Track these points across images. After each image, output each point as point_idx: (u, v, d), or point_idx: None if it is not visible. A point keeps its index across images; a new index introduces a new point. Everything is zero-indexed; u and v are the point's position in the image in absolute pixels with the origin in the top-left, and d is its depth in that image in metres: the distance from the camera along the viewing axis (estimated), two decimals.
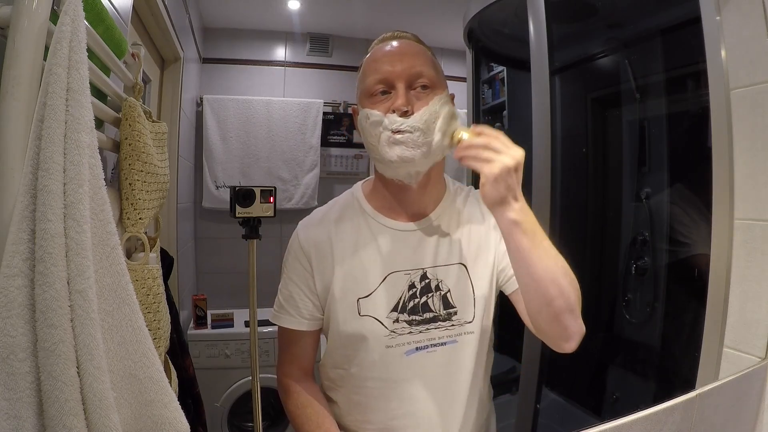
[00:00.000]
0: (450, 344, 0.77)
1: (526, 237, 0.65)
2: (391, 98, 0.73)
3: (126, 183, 0.74)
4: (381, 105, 0.74)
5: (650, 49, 1.50)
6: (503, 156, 0.62)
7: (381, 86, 0.74)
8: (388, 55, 0.76)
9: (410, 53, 0.76)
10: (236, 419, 2.06)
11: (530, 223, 0.65)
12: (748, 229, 0.90)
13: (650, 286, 1.53)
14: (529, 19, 1.39)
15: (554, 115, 1.39)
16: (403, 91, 0.73)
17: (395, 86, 0.73)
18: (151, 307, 0.76)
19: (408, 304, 0.77)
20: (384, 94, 0.74)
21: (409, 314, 0.76)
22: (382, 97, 0.74)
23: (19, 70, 0.45)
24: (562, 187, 1.48)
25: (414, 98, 0.73)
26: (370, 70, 0.76)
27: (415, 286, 0.77)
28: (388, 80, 0.74)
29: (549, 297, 0.66)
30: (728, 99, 0.90)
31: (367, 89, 0.75)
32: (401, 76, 0.73)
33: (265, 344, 1.99)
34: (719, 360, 0.93)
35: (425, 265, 0.78)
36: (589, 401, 1.66)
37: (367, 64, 0.78)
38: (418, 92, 0.74)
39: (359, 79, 0.80)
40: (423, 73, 0.74)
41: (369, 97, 0.75)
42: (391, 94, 0.74)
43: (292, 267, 0.81)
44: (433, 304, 0.77)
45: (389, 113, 0.72)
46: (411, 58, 0.75)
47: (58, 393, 0.42)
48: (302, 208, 2.46)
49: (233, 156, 2.39)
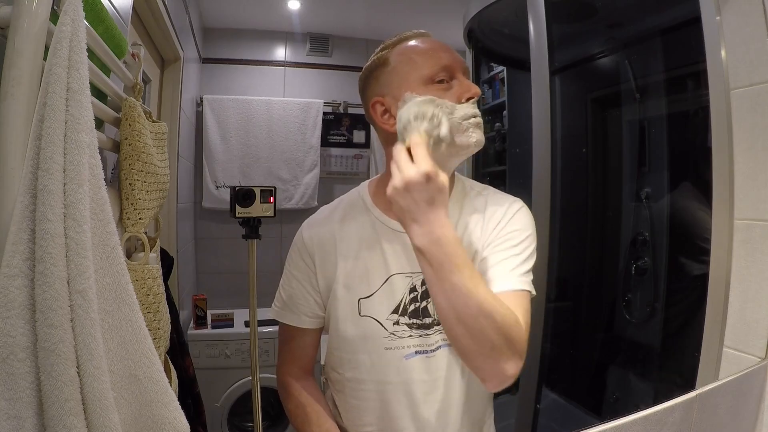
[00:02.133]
0: (445, 347, 0.76)
1: (431, 268, 0.62)
2: (451, 87, 0.73)
3: (126, 183, 0.74)
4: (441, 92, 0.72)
5: (650, 49, 1.50)
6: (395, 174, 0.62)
7: (443, 73, 0.73)
8: (442, 46, 0.76)
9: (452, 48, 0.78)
10: (236, 419, 2.06)
11: (438, 253, 0.61)
12: (748, 229, 0.90)
13: (650, 286, 1.53)
14: (529, 19, 1.39)
15: (554, 115, 1.39)
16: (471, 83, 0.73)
17: (456, 76, 0.73)
18: (151, 307, 0.76)
19: (409, 307, 0.76)
20: (441, 83, 0.73)
21: (410, 317, 0.76)
22: (440, 86, 0.73)
23: (19, 70, 0.45)
24: (562, 187, 1.48)
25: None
26: (426, 56, 0.74)
27: (417, 289, 0.76)
28: (451, 68, 0.73)
29: (453, 335, 0.64)
30: (728, 99, 0.90)
31: (426, 76, 0.73)
32: (460, 66, 0.74)
33: (265, 344, 1.99)
34: (719, 360, 0.93)
35: None
36: (589, 401, 1.66)
37: (416, 52, 0.75)
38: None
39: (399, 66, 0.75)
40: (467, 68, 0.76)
41: (424, 85, 0.72)
42: (449, 84, 0.73)
43: (295, 264, 0.81)
44: (431, 309, 0.76)
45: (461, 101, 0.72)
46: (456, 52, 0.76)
47: (58, 393, 0.42)
48: (302, 208, 2.46)
49: (233, 156, 2.39)
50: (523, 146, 1.71)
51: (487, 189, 0.83)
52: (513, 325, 0.63)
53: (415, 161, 0.62)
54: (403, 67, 0.74)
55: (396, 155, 0.64)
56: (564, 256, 1.59)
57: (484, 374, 0.66)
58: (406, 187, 0.61)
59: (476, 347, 0.63)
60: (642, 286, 1.55)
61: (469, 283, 0.61)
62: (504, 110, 2.06)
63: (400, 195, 0.61)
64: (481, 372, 0.66)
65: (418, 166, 0.61)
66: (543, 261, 1.35)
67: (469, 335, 0.62)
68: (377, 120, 0.76)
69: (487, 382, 0.66)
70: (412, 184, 0.60)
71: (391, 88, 0.74)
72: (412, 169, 0.61)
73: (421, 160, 0.61)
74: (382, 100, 0.75)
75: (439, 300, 0.63)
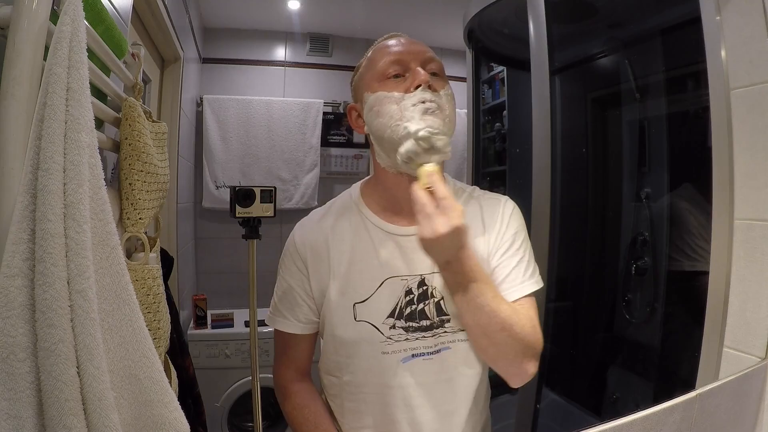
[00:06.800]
0: (444, 351, 0.76)
1: (458, 294, 0.68)
2: (406, 81, 0.71)
3: (126, 183, 0.74)
4: (395, 86, 0.71)
5: (650, 49, 1.50)
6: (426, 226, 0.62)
7: (395, 68, 0.72)
8: (399, 41, 0.75)
9: (420, 42, 0.76)
10: (236, 419, 2.06)
11: (466, 282, 0.66)
12: (748, 229, 0.90)
13: (650, 286, 1.53)
14: (529, 19, 1.39)
15: (554, 115, 1.39)
16: (422, 70, 0.71)
17: (410, 67, 0.71)
18: (151, 307, 0.76)
19: (405, 311, 0.75)
20: (397, 77, 0.72)
21: (406, 320, 0.75)
22: (395, 80, 0.72)
23: (19, 70, 0.45)
24: (562, 187, 1.48)
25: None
26: (381, 54, 0.74)
27: (412, 292, 0.76)
28: (403, 61, 0.72)
29: (479, 345, 0.72)
30: (728, 99, 0.90)
31: (379, 72, 0.72)
32: (417, 58, 0.72)
33: (265, 344, 1.99)
34: (719, 360, 0.93)
35: (422, 271, 0.76)
36: (589, 401, 1.66)
37: (376, 52, 0.76)
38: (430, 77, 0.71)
39: (362, 70, 0.77)
40: (434, 59, 0.74)
41: (380, 81, 0.72)
42: (405, 77, 0.71)
43: (287, 269, 0.80)
44: (429, 312, 0.76)
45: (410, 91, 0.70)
46: (421, 45, 0.75)
47: (58, 393, 0.42)
48: (302, 208, 2.46)
49: (233, 156, 2.39)
50: (523, 146, 1.71)
51: (475, 190, 0.84)
52: (530, 332, 0.70)
53: (443, 212, 0.62)
54: (364, 70, 0.77)
55: (420, 201, 0.63)
56: (564, 256, 1.59)
57: (508, 375, 0.73)
58: (438, 240, 0.62)
59: (500, 355, 0.71)
60: (642, 286, 1.55)
61: (493, 303, 0.67)
62: (504, 110, 2.06)
63: (431, 245, 0.63)
64: (505, 373, 0.73)
65: (449, 219, 0.61)
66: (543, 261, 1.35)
67: (494, 346, 0.70)
68: (353, 125, 0.79)
69: (510, 380, 0.73)
70: (444, 237, 0.61)
71: (359, 92, 0.77)
72: (443, 225, 0.61)
73: (450, 211, 0.62)
74: (355, 106, 0.78)
75: (467, 319, 0.70)
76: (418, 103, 0.68)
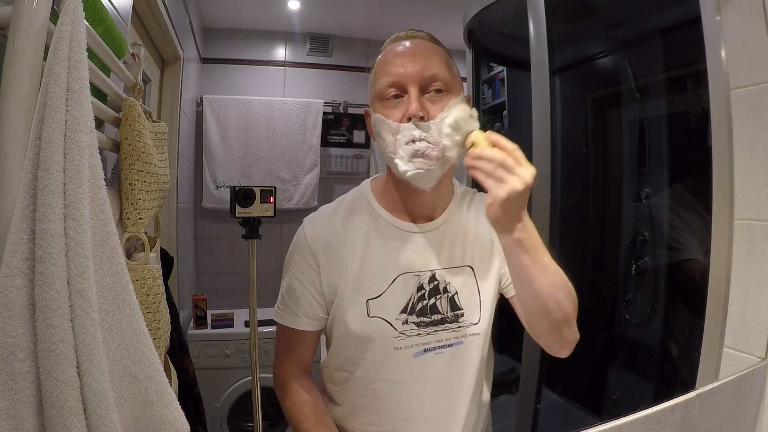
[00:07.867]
0: (456, 345, 0.77)
1: (527, 255, 0.65)
2: (403, 103, 0.70)
3: (126, 183, 0.74)
4: (394, 110, 0.70)
5: (650, 49, 1.50)
6: (513, 178, 0.59)
7: (393, 90, 0.71)
8: (400, 56, 0.72)
9: (423, 54, 0.72)
10: (236, 419, 2.06)
11: (532, 239, 0.65)
12: (748, 229, 0.90)
13: (650, 286, 1.53)
14: (529, 19, 1.39)
15: (554, 115, 1.39)
16: (416, 96, 0.69)
17: (407, 90, 0.70)
18: (151, 307, 0.76)
19: (417, 306, 0.76)
20: (396, 98, 0.71)
21: (418, 316, 0.76)
22: (395, 102, 0.71)
23: (19, 70, 0.45)
24: (562, 187, 1.48)
25: (428, 102, 0.70)
26: (381, 72, 0.73)
27: (424, 287, 0.77)
28: (400, 84, 0.70)
29: (546, 310, 0.68)
30: (728, 99, 0.90)
31: (378, 93, 0.72)
32: (414, 80, 0.70)
33: (265, 344, 1.99)
34: (719, 360, 0.93)
35: (434, 267, 0.77)
36: (589, 401, 1.66)
37: (378, 66, 0.75)
38: (432, 96, 0.70)
39: (370, 81, 0.77)
40: (437, 76, 0.70)
41: (380, 101, 0.72)
42: (403, 98, 0.70)
43: (297, 265, 0.79)
44: (441, 306, 0.77)
45: (404, 121, 0.69)
46: (424, 59, 0.71)
47: (58, 393, 0.42)
48: (302, 208, 2.46)
49: (233, 156, 2.39)
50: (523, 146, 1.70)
51: (475, 192, 0.85)
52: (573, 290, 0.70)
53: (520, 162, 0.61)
54: (372, 80, 0.77)
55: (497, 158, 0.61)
56: (564, 256, 1.58)
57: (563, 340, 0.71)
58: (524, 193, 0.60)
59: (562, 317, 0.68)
60: (642, 286, 1.55)
61: (552, 262, 0.68)
62: (504, 110, 2.06)
63: (518, 199, 0.60)
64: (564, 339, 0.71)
65: (529, 167, 0.61)
66: None
67: (558, 308, 0.67)
68: (369, 129, 0.79)
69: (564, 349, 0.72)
70: (528, 188, 0.60)
71: (369, 100, 0.77)
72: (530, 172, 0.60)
73: (523, 160, 0.61)
74: (368, 110, 0.78)
75: (534, 282, 0.66)
76: (409, 143, 0.68)
